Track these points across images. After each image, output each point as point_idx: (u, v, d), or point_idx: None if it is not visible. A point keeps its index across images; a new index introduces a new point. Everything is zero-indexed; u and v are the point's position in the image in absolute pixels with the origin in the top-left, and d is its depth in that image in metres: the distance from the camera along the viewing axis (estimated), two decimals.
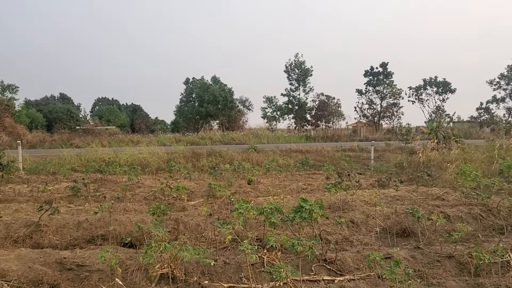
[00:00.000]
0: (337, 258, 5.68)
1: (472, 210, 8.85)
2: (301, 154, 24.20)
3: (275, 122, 64.39)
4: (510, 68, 57.03)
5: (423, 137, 26.67)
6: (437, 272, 5.61)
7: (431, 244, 6.85)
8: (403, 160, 19.06)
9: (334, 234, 7.44)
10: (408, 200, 10.25)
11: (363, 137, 45.28)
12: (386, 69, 58.16)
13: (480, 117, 59.21)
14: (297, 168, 17.57)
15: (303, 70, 58.17)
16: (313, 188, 12.57)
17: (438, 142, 22.05)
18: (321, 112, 58.54)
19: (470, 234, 7.32)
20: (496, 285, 4.73)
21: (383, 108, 58.79)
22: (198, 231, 7.43)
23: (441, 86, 58.17)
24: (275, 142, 38.37)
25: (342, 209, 9.00)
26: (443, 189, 11.32)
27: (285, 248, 5.90)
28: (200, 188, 12.50)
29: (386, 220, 8.24)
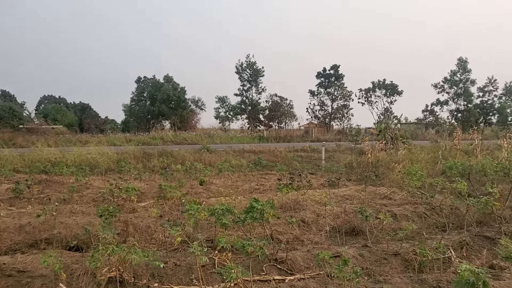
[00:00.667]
0: (288, 258, 5.73)
1: (417, 208, 9.19)
2: (254, 154, 24.31)
3: (228, 122, 64.35)
4: (453, 72, 59.71)
5: (372, 138, 27.39)
6: (384, 269, 5.78)
7: (379, 242, 7.05)
8: (352, 161, 19.51)
9: (286, 233, 7.51)
10: (357, 199, 10.50)
11: (315, 138, 46.02)
12: (337, 72, 59.46)
13: (425, 119, 61.60)
14: (250, 169, 17.62)
15: (255, 71, 58.38)
16: (265, 188, 12.63)
17: (386, 143, 22.74)
18: (274, 112, 58.98)
19: (415, 232, 7.58)
20: (438, 281, 4.92)
21: (334, 110, 60.03)
22: (148, 233, 7.29)
23: (389, 88, 60.08)
24: (228, 143, 38.32)
25: (293, 208, 9.09)
26: (390, 189, 11.67)
27: (236, 249, 5.88)
28: (151, 189, 12.28)
29: (336, 219, 8.40)
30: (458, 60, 59.47)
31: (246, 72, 58.63)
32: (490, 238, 7.05)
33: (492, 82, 60.54)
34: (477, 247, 6.79)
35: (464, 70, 59.14)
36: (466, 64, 59.09)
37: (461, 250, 6.57)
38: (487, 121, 60.91)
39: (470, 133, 25.28)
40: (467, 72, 59.15)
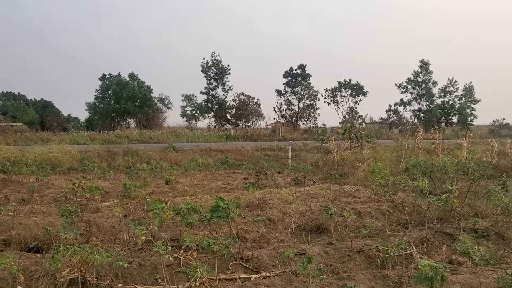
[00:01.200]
0: (254, 256, 5.75)
1: (381, 206, 9.38)
2: (221, 153, 24.25)
3: (195, 121, 63.92)
4: (416, 73, 61.22)
5: (337, 137, 27.77)
6: (348, 266, 5.87)
7: (343, 239, 7.16)
8: (319, 159, 19.73)
9: (252, 232, 7.52)
10: (323, 197, 10.62)
11: (282, 137, 46.26)
12: (304, 71, 59.94)
13: (389, 119, 62.97)
14: (217, 167, 17.57)
15: (221, 69, 58.18)
16: (232, 187, 12.61)
17: (351, 142, 23.12)
18: (241, 111, 58.98)
19: (378, 229, 7.73)
20: (400, 276, 5.04)
21: (300, 109, 60.52)
22: (112, 233, 7.16)
23: (354, 88, 61.10)
24: (194, 141, 38.06)
25: (260, 207, 9.12)
26: (355, 187, 11.86)
27: (202, 248, 5.85)
28: (115, 188, 12.06)
29: (301, 217, 8.48)
30: (421, 61, 61.06)
31: (212, 70, 58.35)
32: (449, 234, 7.27)
33: (453, 83, 62.48)
34: (437, 243, 7.00)
35: (426, 71, 60.75)
36: (428, 65, 60.72)
37: (422, 246, 6.75)
38: (448, 121, 62.75)
39: (432, 132, 26.04)
40: (429, 73, 60.78)
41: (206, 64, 58.37)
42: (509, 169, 16.79)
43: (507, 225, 7.79)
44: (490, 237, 7.43)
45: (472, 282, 4.85)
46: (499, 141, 26.13)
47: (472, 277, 4.99)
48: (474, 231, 7.51)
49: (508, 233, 7.62)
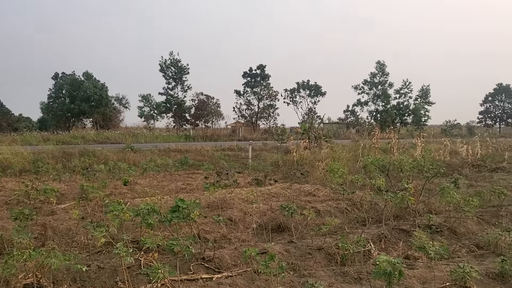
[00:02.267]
0: (215, 256, 5.73)
1: (340, 204, 9.57)
2: (180, 153, 24.01)
3: (153, 121, 63.02)
4: (373, 74, 62.78)
5: (297, 137, 28.03)
6: (308, 264, 5.95)
7: (304, 237, 7.25)
8: (278, 159, 19.85)
9: (213, 232, 7.50)
10: (283, 196, 10.72)
11: (242, 137, 46.32)
12: (263, 71, 60.18)
13: (347, 119, 64.30)
14: (176, 168, 17.38)
15: (179, 68, 57.55)
16: (192, 187, 12.52)
17: (310, 141, 23.40)
18: (200, 111, 58.62)
19: (337, 227, 7.87)
20: (359, 272, 5.17)
21: (260, 109, 60.79)
22: (69, 235, 6.96)
23: (312, 89, 61.96)
24: (153, 142, 37.50)
25: (221, 207, 9.11)
26: (314, 186, 12.04)
27: (163, 249, 5.80)
28: (72, 190, 11.72)
29: (262, 216, 8.53)
30: (377, 63, 62.62)
31: (171, 69, 57.62)
32: (405, 230, 7.50)
33: (407, 85, 64.52)
34: (394, 239, 7.20)
35: (383, 73, 62.40)
36: (384, 67, 62.38)
37: (380, 243, 6.93)
38: (403, 121, 64.72)
39: (387, 132, 26.76)
40: (385, 74, 62.46)
41: (165, 63, 57.59)
42: (460, 167, 17.51)
43: (459, 220, 8.11)
44: (443, 233, 7.73)
45: (427, 276, 5.02)
46: (451, 141, 27.20)
47: (427, 271, 5.17)
48: (429, 227, 7.78)
49: (459, 228, 7.95)
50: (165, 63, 57.60)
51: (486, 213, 9.14)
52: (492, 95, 74.43)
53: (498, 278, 5.14)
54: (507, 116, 73.20)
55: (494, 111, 74.43)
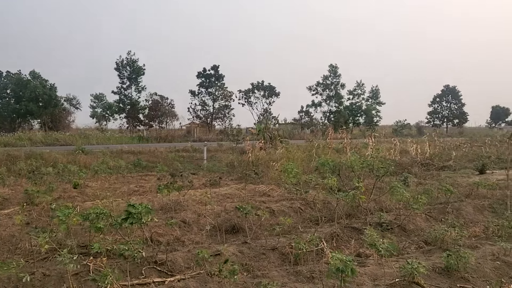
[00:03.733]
0: (168, 259, 5.62)
1: (294, 204, 9.64)
2: (134, 155, 23.52)
3: (106, 121, 61.33)
4: (326, 77, 63.91)
5: (252, 137, 28.11)
6: (262, 264, 5.95)
7: (258, 238, 7.25)
8: (234, 160, 19.84)
9: (166, 235, 7.38)
10: (238, 197, 10.69)
11: (197, 138, 45.88)
12: (217, 72, 59.85)
13: (301, 119, 65.08)
14: (129, 170, 17.00)
15: (136, 69, 56.37)
16: (145, 190, 12.28)
17: (265, 142, 23.51)
18: (154, 112, 57.60)
19: (292, 227, 7.94)
20: (311, 271, 5.21)
21: (215, 110, 60.44)
22: (12, 242, 6.64)
23: (267, 90, 62.29)
24: (105, 143, 36.48)
25: (174, 209, 8.98)
26: (269, 186, 12.08)
27: (114, 254, 5.63)
28: (16, 194, 11.19)
29: (217, 218, 8.47)
30: (330, 66, 63.84)
31: (126, 69, 56.29)
32: (357, 229, 7.66)
33: (360, 86, 66.20)
34: (346, 237, 7.34)
35: (335, 75, 63.67)
36: (337, 69, 63.66)
37: (332, 241, 7.04)
38: (356, 121, 66.27)
39: (340, 132, 27.32)
40: (337, 76, 63.75)
41: (121, 62, 56.17)
42: (410, 166, 18.09)
43: (408, 218, 8.38)
44: (394, 230, 7.96)
45: (377, 273, 5.13)
46: (401, 140, 28.10)
47: (378, 268, 5.29)
48: (380, 225, 7.98)
49: (409, 225, 8.21)
50: (121, 63, 56.18)
51: (434, 210, 9.48)
52: (439, 96, 77.45)
53: (444, 272, 5.32)
54: (453, 117, 76.44)
55: (442, 111, 77.49)
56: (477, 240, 7.27)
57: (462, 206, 9.82)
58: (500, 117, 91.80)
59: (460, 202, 10.31)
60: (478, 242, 7.01)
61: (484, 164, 16.89)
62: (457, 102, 76.21)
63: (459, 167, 18.75)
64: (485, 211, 9.84)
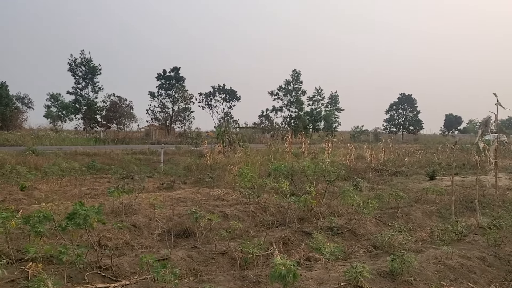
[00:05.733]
0: (114, 264, 5.48)
1: (248, 208, 9.64)
2: (88, 157, 22.91)
3: (61, 122, 59.52)
4: (287, 82, 64.58)
5: (211, 141, 28.01)
6: (211, 268, 5.91)
7: (209, 242, 7.18)
8: (192, 163, 19.66)
9: (115, 239, 7.22)
10: (192, 201, 10.59)
11: (155, 140, 45.22)
12: (178, 74, 59.21)
13: (262, 124, 65.41)
14: (82, 172, 16.55)
15: (91, 68, 54.94)
16: (97, 193, 11.96)
17: (224, 146, 23.50)
18: (112, 113, 56.39)
19: (244, 231, 7.93)
20: (258, 276, 5.20)
21: (175, 112, 59.76)
22: None
23: (228, 93, 62.25)
24: (59, 144, 35.26)
25: (125, 213, 8.79)
26: (224, 190, 12.03)
27: (57, 259, 5.43)
28: None
29: (168, 221, 8.35)
30: (292, 71, 64.59)
31: (81, 69, 54.73)
32: (308, 233, 7.71)
33: (320, 93, 67.35)
34: (297, 241, 7.39)
35: (297, 81, 64.46)
36: (299, 75, 64.49)
37: (283, 245, 7.07)
38: (315, 127, 67.37)
39: (299, 137, 27.65)
40: (299, 82, 64.57)
41: (74, 62, 54.58)
42: (364, 171, 18.49)
43: (359, 222, 8.54)
44: (344, 234, 8.09)
45: (323, 277, 5.19)
46: (358, 146, 28.71)
47: (324, 272, 5.35)
48: (330, 229, 8.09)
49: (359, 229, 8.37)
50: (74, 62, 54.60)
51: (384, 215, 9.71)
52: (396, 104, 79.80)
53: (388, 276, 5.44)
54: (409, 124, 78.88)
55: (398, 118, 79.84)
56: (423, 244, 7.48)
57: (411, 211, 10.12)
58: (453, 125, 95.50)
59: (409, 207, 10.62)
60: (423, 246, 7.21)
61: (434, 170, 17.50)
62: (413, 109, 78.79)
63: (411, 173, 19.35)
64: (432, 216, 10.18)
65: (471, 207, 10.30)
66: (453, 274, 5.77)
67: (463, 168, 20.83)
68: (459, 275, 5.79)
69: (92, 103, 55.75)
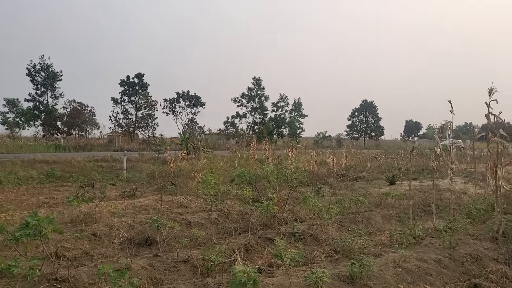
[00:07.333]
0: (71, 275, 5.33)
1: (211, 215, 9.59)
2: (48, 164, 22.22)
3: (19, 129, 57.65)
4: (250, 89, 64.93)
5: (175, 147, 27.76)
6: (173, 277, 5.84)
7: (171, 250, 7.09)
8: (155, 170, 19.42)
9: (74, 249, 7.03)
10: (154, 209, 10.47)
11: (119, 147, 44.36)
12: (141, 80, 58.46)
13: (227, 130, 65.46)
14: (41, 180, 16.08)
15: (51, 74, 53.48)
16: (56, 201, 11.65)
17: (188, 152, 23.35)
18: (73, 120, 55.07)
19: (207, 238, 7.89)
20: (219, 283, 5.18)
21: (138, 119, 58.90)
22: None
23: (192, 100, 61.93)
24: (16, 152, 34.02)
25: (85, 222, 8.59)
26: (187, 197, 11.95)
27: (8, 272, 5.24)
28: None
29: (130, 230, 8.22)
30: (253, 78, 65.09)
31: (40, 75, 53.18)
32: (271, 239, 7.72)
33: (284, 99, 68.08)
34: (260, 248, 7.40)
35: (259, 87, 64.91)
36: (261, 82, 65.04)
37: (245, 252, 7.07)
38: (280, 133, 67.97)
39: (264, 143, 27.78)
40: (261, 89, 65.06)
41: (34, 67, 53.00)
42: (326, 177, 18.75)
43: (321, 227, 8.64)
44: (306, 240, 8.17)
45: (285, 283, 5.21)
46: (321, 152, 29.10)
47: (286, 278, 5.37)
48: (293, 234, 8.16)
49: (321, 234, 8.47)
50: (34, 67, 53.01)
51: (345, 220, 9.88)
52: (358, 110, 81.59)
53: (348, 280, 5.52)
54: (370, 130, 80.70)
55: (360, 125, 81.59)
56: (382, 248, 7.63)
57: (371, 216, 10.34)
58: (413, 131, 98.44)
59: (370, 211, 10.85)
60: (382, 250, 7.36)
61: (394, 175, 17.92)
62: (374, 116, 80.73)
63: (372, 178, 19.77)
64: (392, 220, 10.44)
65: (429, 210, 10.59)
66: (410, 277, 5.92)
67: (422, 173, 21.41)
68: (416, 277, 5.94)
69: (52, 109, 54.25)
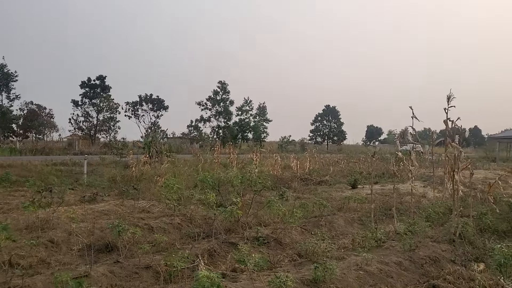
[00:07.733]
0: (26, 284, 5.13)
1: (174, 220, 9.47)
2: (2, 168, 21.39)
3: None
4: (215, 92, 64.77)
5: (138, 151, 27.29)
6: (134, 284, 5.71)
7: (133, 256, 6.94)
8: (117, 174, 19.00)
9: (29, 257, 6.76)
10: (115, 214, 10.22)
11: (79, 151, 43.19)
12: (103, 82, 57.29)
13: (190, 134, 65.04)
14: None
15: (5, 75, 51.56)
16: (11, 207, 11.18)
17: (151, 156, 22.95)
18: (30, 122, 53.30)
19: (169, 243, 7.75)
20: None
21: (100, 122, 57.63)
22: None
23: (155, 103, 61.20)
24: None
25: (42, 228, 8.28)
26: (150, 202, 11.74)
27: None
28: None
29: (90, 236, 8.01)
30: (219, 82, 65.02)
31: None
32: (235, 244, 7.69)
33: (248, 103, 68.30)
34: (223, 253, 7.35)
35: (225, 91, 64.86)
36: (226, 86, 64.98)
37: (209, 257, 7.00)
38: (244, 137, 68.10)
39: (228, 147, 27.73)
40: (227, 92, 65.01)
41: None
42: (290, 181, 18.87)
43: (285, 231, 8.67)
44: (270, 244, 8.17)
45: None
46: (285, 156, 29.28)
47: (249, 283, 5.34)
48: (257, 239, 8.15)
49: (285, 239, 8.49)
50: None
51: (309, 223, 9.94)
52: (321, 115, 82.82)
53: (312, 284, 5.55)
54: (333, 134, 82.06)
55: (323, 129, 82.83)
56: (345, 252, 7.73)
57: (334, 219, 10.46)
58: (374, 135, 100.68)
59: (333, 215, 10.97)
60: (345, 253, 7.46)
61: (356, 179, 18.23)
62: (337, 121, 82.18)
63: (335, 182, 20.04)
64: (354, 224, 10.59)
65: (390, 214, 10.82)
66: (372, 280, 6.01)
67: (383, 177, 21.86)
68: (378, 280, 6.04)
69: (7, 111, 52.30)
